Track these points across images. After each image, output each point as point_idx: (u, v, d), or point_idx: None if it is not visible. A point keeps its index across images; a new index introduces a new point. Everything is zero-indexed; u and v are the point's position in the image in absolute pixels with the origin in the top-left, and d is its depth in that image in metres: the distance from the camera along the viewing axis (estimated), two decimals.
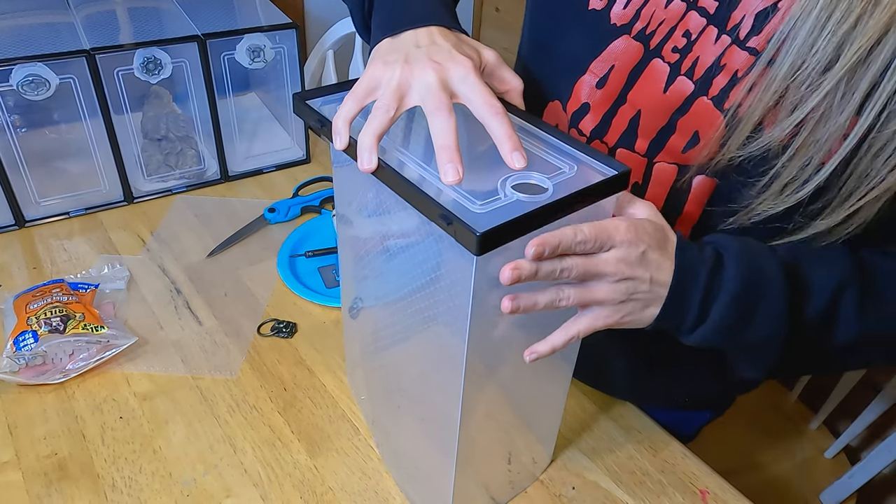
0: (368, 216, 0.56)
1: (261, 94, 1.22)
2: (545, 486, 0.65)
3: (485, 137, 0.47)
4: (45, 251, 0.91)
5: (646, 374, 0.71)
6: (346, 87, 0.56)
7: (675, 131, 0.55)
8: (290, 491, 0.63)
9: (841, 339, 0.52)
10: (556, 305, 0.46)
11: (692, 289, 0.48)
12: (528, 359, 0.48)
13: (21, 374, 0.70)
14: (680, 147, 0.55)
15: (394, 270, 0.54)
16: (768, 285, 0.49)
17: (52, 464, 0.64)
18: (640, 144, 0.58)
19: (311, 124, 0.53)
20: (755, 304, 0.49)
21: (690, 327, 0.49)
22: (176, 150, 1.03)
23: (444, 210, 0.41)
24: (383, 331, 0.60)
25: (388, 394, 0.64)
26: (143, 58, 0.93)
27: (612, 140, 0.59)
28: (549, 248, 0.43)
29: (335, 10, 1.72)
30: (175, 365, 0.75)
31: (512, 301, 0.44)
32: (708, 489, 0.66)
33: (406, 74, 0.48)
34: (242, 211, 1.00)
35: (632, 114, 0.57)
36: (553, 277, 0.44)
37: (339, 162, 0.58)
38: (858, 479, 1.06)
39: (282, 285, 0.87)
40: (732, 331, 0.49)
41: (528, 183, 0.46)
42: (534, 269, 0.43)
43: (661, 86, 0.55)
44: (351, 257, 0.63)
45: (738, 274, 0.48)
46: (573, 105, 0.61)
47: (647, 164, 0.58)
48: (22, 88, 0.86)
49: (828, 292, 0.50)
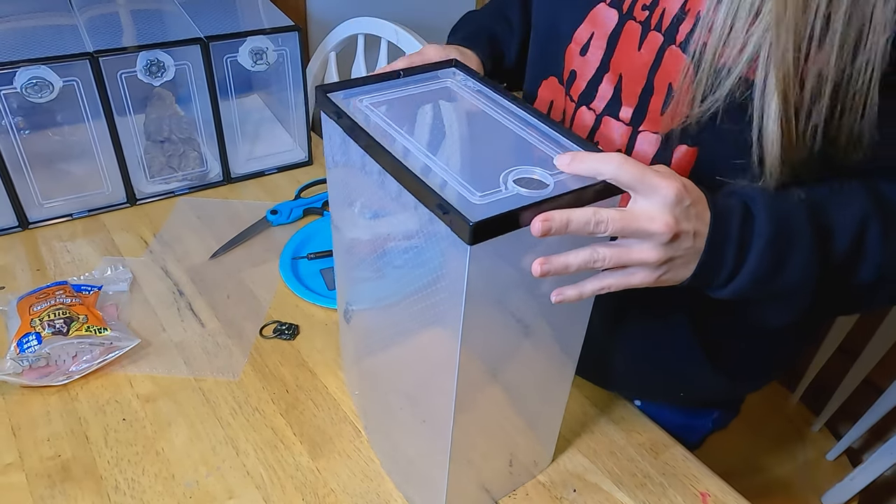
0: (369, 218, 0.56)
1: (263, 97, 1.22)
2: (546, 488, 0.65)
3: (490, 133, 0.48)
4: (49, 253, 0.91)
5: (649, 365, 0.71)
6: (367, 82, 0.57)
7: (654, 92, 0.55)
8: (292, 493, 0.64)
9: (867, 275, 0.51)
10: (591, 267, 0.45)
11: (726, 241, 0.47)
12: (555, 299, 0.47)
13: (24, 376, 0.71)
14: (659, 108, 0.55)
15: (389, 273, 0.55)
16: (796, 230, 0.48)
17: (55, 465, 0.65)
18: (625, 113, 0.58)
19: (329, 116, 0.54)
20: (786, 251, 0.48)
21: (725, 280, 0.49)
22: (178, 152, 1.03)
23: (441, 199, 0.42)
24: (379, 332, 0.61)
25: (384, 394, 0.64)
26: (146, 60, 0.93)
27: (599, 107, 0.60)
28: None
29: (337, 12, 1.72)
30: (178, 367, 0.76)
31: (542, 264, 0.43)
32: (709, 491, 0.66)
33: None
34: (245, 213, 1.01)
35: (615, 80, 0.58)
36: (588, 232, 0.43)
37: (334, 163, 0.58)
38: (860, 481, 1.06)
39: (284, 287, 0.87)
40: (765, 280, 0.48)
41: (531, 178, 0.46)
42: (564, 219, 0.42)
43: (635, 45, 0.56)
44: (345, 260, 0.63)
45: (767, 222, 0.47)
46: (565, 73, 0.63)
47: (632, 133, 0.59)
48: (25, 91, 0.86)
49: (852, 229, 0.50)
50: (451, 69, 0.61)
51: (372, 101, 0.55)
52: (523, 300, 0.50)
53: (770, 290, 0.49)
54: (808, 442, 1.23)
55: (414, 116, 0.54)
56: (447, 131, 0.53)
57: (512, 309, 0.50)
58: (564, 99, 0.64)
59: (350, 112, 0.52)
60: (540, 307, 0.51)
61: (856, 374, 1.19)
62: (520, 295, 0.49)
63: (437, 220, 0.43)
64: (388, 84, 0.58)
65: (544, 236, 0.42)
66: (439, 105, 0.56)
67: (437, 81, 0.59)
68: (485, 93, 0.58)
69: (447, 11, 2.02)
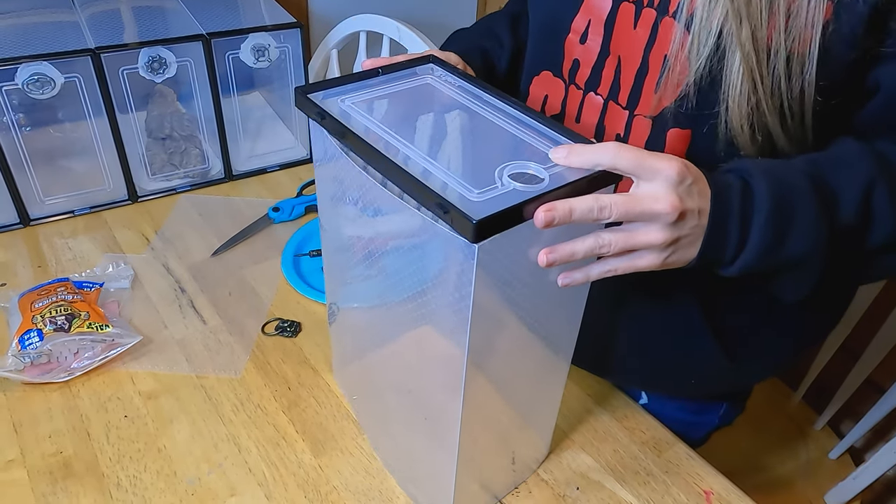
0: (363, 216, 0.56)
1: (265, 94, 1.22)
2: (549, 486, 0.65)
3: (478, 128, 0.48)
4: (50, 250, 0.91)
5: (655, 349, 0.70)
6: (346, 81, 0.56)
7: (648, 71, 0.56)
8: (294, 490, 0.63)
9: (880, 238, 0.51)
10: (598, 253, 0.45)
11: (728, 216, 0.47)
12: (562, 283, 0.47)
13: (26, 373, 0.71)
14: (653, 87, 0.56)
15: (386, 271, 0.54)
16: (798, 198, 0.48)
17: (57, 462, 0.65)
18: (623, 96, 0.59)
19: (312, 117, 0.53)
20: (789, 219, 0.48)
21: (731, 257, 0.48)
22: (180, 149, 1.03)
23: (441, 198, 0.41)
24: (376, 331, 0.61)
25: (385, 394, 0.64)
26: (147, 57, 0.93)
27: (604, 92, 0.61)
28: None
29: (339, 10, 1.72)
30: (179, 364, 0.75)
31: (548, 254, 0.43)
32: (712, 490, 0.66)
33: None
34: (246, 210, 1.01)
35: (615, 64, 0.59)
36: (592, 219, 0.43)
37: (324, 159, 0.57)
38: (863, 480, 1.06)
39: (286, 284, 0.87)
40: (771, 252, 0.48)
41: (525, 173, 0.46)
42: (566, 209, 0.42)
43: (631, 25, 0.57)
44: (333, 260, 0.63)
45: (767, 192, 0.47)
46: (567, 64, 0.63)
47: (628, 116, 0.59)
48: (27, 87, 0.86)
49: (858, 193, 0.50)
50: (429, 65, 0.61)
51: (354, 100, 0.54)
52: (523, 294, 0.50)
53: (778, 261, 0.49)
54: (810, 441, 1.23)
55: (399, 115, 0.54)
56: (436, 129, 0.52)
57: (512, 303, 0.50)
58: (569, 89, 0.64)
59: (334, 113, 0.51)
60: (538, 299, 0.51)
61: (858, 374, 1.19)
62: (520, 289, 0.49)
63: (435, 218, 0.42)
64: (367, 83, 0.57)
65: (548, 227, 0.42)
66: (423, 103, 0.55)
67: (416, 78, 0.59)
68: (466, 88, 0.57)
69: (449, 8, 2.02)
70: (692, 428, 0.78)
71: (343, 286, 0.64)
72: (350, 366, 0.70)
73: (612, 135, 0.62)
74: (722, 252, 0.48)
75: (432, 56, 0.62)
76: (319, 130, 0.53)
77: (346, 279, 0.62)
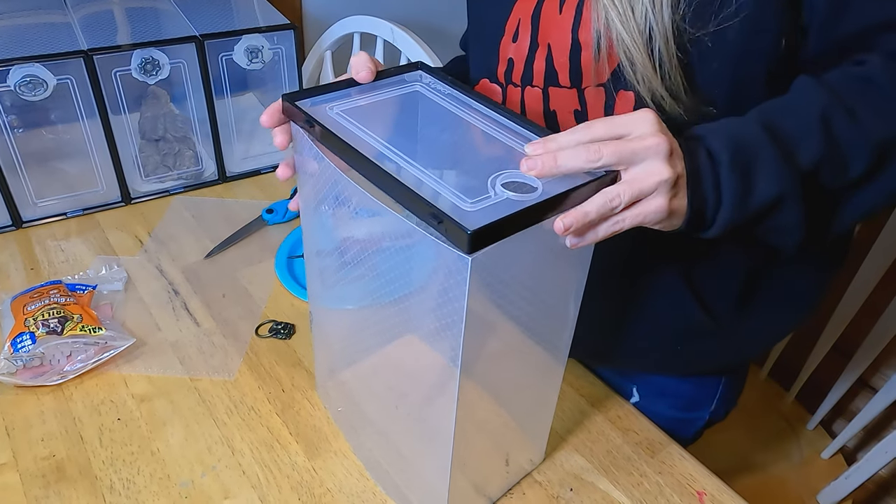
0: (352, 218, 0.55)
1: (258, 95, 1.22)
2: (543, 487, 0.65)
3: (474, 138, 0.48)
4: (43, 252, 0.90)
5: (645, 323, 0.70)
6: (334, 88, 0.56)
7: (582, 47, 0.58)
8: (288, 492, 0.63)
9: (861, 165, 0.51)
10: (609, 207, 0.46)
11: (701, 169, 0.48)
12: (570, 244, 0.48)
13: (18, 376, 0.70)
14: (591, 62, 0.58)
15: (378, 276, 0.54)
16: (754, 143, 0.49)
17: (49, 465, 0.64)
18: (563, 78, 0.61)
19: (300, 125, 0.53)
20: (750, 164, 0.49)
21: (712, 214, 0.50)
22: (173, 150, 1.03)
23: (435, 208, 0.41)
24: (361, 336, 0.60)
25: (375, 399, 0.64)
26: (140, 58, 0.92)
27: (540, 83, 0.62)
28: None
29: (333, 11, 1.72)
30: (173, 366, 0.75)
31: (563, 219, 0.44)
32: (705, 490, 0.66)
33: None
34: (240, 212, 1.00)
35: (545, 53, 0.61)
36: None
37: (304, 167, 0.56)
38: (855, 479, 1.06)
39: (280, 286, 0.87)
40: (744, 198, 0.49)
41: (518, 182, 0.46)
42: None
43: (556, 11, 0.59)
44: (317, 265, 0.62)
45: (723, 146, 0.49)
46: (503, 67, 0.65)
47: (579, 92, 0.60)
48: (19, 89, 0.86)
49: (816, 129, 0.50)
50: (418, 72, 0.61)
51: (342, 108, 0.54)
52: (516, 299, 0.50)
53: (755, 209, 0.50)
54: (803, 441, 1.24)
55: (389, 123, 0.53)
56: (426, 137, 0.52)
57: (505, 308, 0.50)
58: (507, 90, 0.66)
59: (323, 120, 0.51)
60: (532, 304, 0.51)
61: (850, 374, 1.20)
62: (513, 294, 0.49)
63: (428, 229, 0.42)
64: (354, 90, 0.57)
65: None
66: (413, 111, 0.55)
67: (405, 85, 0.59)
68: (455, 96, 0.57)
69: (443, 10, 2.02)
70: (683, 425, 0.78)
71: (326, 290, 0.63)
72: (336, 377, 0.69)
73: (566, 116, 0.63)
74: (704, 204, 0.49)
75: (421, 63, 0.61)
76: (304, 136, 0.53)
77: (329, 283, 0.62)
